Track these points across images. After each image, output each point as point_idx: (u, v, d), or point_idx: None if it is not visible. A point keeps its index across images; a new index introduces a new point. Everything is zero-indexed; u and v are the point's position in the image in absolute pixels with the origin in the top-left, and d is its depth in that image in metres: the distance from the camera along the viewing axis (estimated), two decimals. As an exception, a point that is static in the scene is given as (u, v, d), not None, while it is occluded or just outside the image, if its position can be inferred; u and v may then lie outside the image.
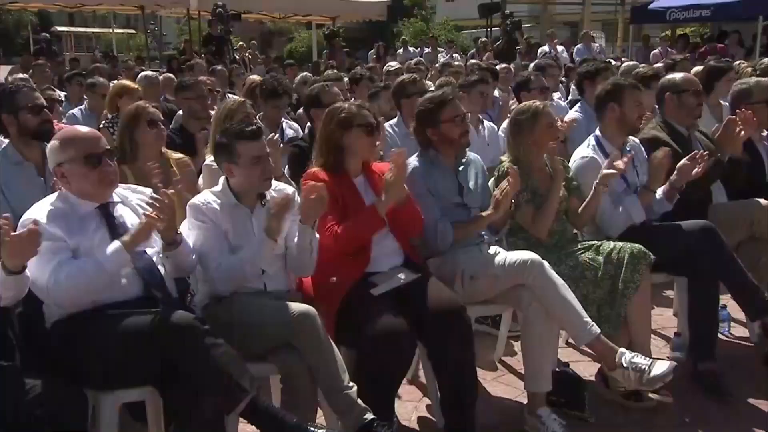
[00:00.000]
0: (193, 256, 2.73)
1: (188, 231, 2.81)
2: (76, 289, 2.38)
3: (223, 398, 2.34)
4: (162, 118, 3.63)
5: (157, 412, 2.54)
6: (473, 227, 3.30)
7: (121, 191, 2.71)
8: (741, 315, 3.68)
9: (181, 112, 5.26)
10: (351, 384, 2.60)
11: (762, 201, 3.65)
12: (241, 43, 15.31)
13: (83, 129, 2.66)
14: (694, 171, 3.48)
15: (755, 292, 3.33)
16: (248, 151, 2.78)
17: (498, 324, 3.81)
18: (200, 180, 3.76)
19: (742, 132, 3.72)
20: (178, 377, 2.27)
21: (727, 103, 4.49)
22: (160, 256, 2.63)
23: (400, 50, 16.27)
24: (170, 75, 7.98)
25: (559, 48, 14.70)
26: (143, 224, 2.46)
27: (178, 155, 3.70)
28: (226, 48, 12.34)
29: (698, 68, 6.62)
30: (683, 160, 3.51)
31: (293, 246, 2.87)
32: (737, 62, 8.53)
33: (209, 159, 3.55)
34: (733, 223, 3.61)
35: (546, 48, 14.23)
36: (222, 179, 2.91)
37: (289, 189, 3.04)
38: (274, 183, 3.00)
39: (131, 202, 2.70)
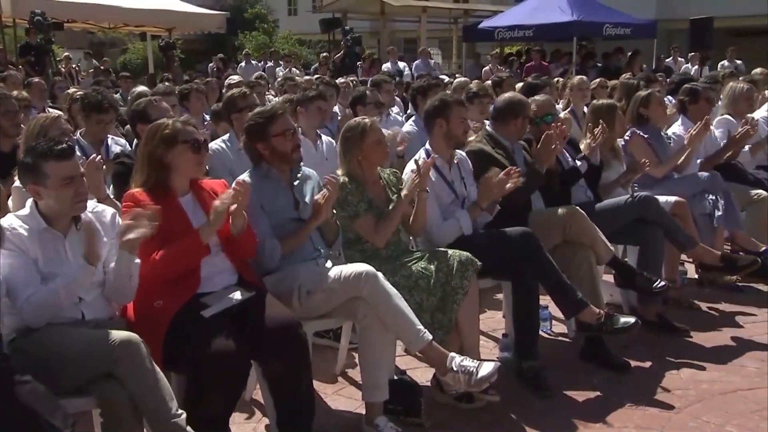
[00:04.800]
0: None
1: (-10, 259, 2.55)
2: None
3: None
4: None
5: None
6: (299, 238, 3.28)
7: None
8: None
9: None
10: (179, 411, 2.49)
11: (572, 207, 3.97)
12: (66, 53, 14.29)
13: None
14: (508, 185, 3.71)
15: (569, 292, 3.58)
16: (57, 172, 2.58)
17: (340, 337, 3.83)
18: (9, 203, 3.45)
19: (557, 146, 4.06)
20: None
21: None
22: None
23: (242, 63, 15.99)
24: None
25: (401, 64, 15.24)
26: None
27: (-17, 177, 3.37)
28: (47, 59, 11.42)
29: (520, 84, 7.15)
30: (499, 176, 3.73)
31: (110, 271, 2.70)
32: (555, 79, 9.32)
33: (19, 181, 3.26)
34: (549, 228, 3.86)
35: (389, 64, 14.69)
36: (29, 202, 2.69)
37: (109, 211, 2.87)
38: (92, 204, 2.82)
39: None
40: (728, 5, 19.83)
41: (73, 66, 13.51)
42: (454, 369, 3.03)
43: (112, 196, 3.56)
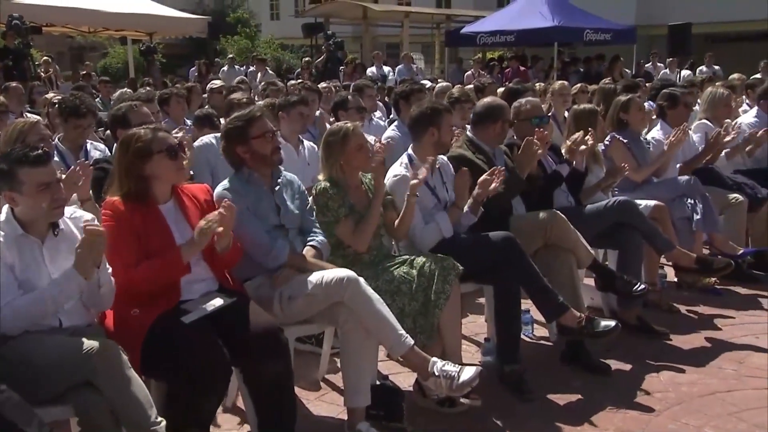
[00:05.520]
0: None
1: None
2: None
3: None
4: None
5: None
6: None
7: None
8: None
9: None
10: (159, 419, 2.47)
11: (552, 211, 4.00)
12: (45, 58, 14.12)
13: None
14: (493, 185, 3.73)
15: (550, 296, 3.59)
16: (33, 178, 2.55)
17: (322, 342, 3.82)
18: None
19: (539, 151, 4.09)
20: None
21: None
22: None
23: (225, 68, 15.91)
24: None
25: (386, 68, 15.26)
26: None
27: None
28: (26, 63, 11.28)
29: (501, 89, 7.19)
30: (483, 175, 3.76)
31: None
32: (537, 84, 9.38)
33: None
34: (530, 232, 3.87)
35: (374, 69, 14.71)
36: (5, 208, 2.65)
37: (87, 217, 2.83)
38: (69, 210, 2.79)
39: None
40: (706, 12, 20.16)
41: (52, 71, 13.30)
42: (436, 374, 3.03)
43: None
